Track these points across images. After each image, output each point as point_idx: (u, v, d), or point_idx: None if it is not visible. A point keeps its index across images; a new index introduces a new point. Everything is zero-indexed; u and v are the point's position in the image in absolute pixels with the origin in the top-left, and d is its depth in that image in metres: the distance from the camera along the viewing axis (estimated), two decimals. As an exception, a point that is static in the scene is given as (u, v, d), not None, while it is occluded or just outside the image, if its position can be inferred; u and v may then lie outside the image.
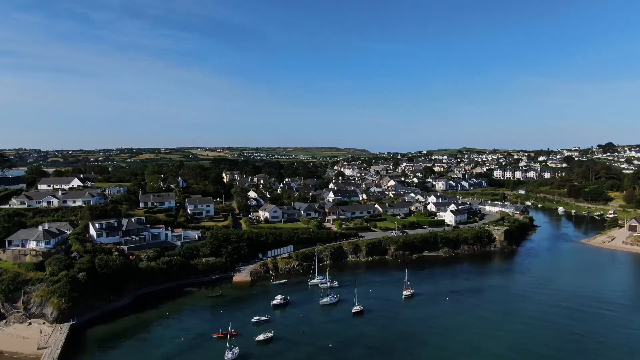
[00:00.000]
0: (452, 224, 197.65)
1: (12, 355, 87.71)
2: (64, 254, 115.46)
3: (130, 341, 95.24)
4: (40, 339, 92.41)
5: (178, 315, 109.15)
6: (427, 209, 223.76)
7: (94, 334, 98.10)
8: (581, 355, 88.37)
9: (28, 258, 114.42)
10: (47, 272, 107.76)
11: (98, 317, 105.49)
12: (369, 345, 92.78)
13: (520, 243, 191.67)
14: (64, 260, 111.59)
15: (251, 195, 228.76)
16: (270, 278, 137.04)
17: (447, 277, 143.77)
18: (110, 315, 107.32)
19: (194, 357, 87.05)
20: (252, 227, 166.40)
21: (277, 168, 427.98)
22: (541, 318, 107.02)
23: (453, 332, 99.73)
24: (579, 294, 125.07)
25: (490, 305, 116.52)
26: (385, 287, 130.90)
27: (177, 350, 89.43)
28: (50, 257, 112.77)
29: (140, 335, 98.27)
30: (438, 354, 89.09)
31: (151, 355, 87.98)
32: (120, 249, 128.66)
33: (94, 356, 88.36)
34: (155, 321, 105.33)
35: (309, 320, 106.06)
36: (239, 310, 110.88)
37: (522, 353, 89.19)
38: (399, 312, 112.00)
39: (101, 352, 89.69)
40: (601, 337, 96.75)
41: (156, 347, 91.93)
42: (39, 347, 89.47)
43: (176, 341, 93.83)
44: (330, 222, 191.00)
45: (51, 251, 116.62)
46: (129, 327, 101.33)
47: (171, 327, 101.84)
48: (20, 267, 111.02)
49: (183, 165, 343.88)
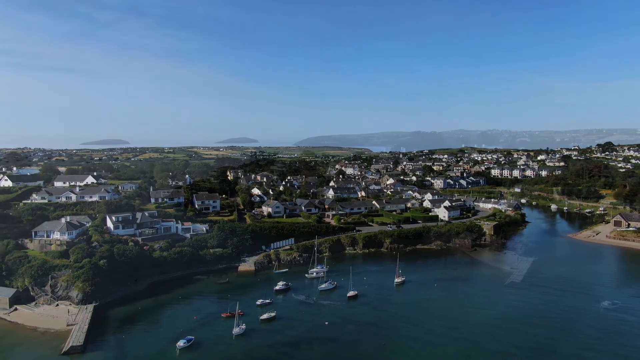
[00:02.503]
0: (445, 219, 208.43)
1: (46, 330, 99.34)
2: (85, 244, 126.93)
3: (147, 319, 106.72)
4: (68, 317, 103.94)
5: (189, 299, 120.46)
6: (422, 206, 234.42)
7: (115, 313, 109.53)
8: (550, 324, 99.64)
9: (53, 247, 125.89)
10: (72, 260, 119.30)
11: (117, 300, 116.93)
12: (362, 322, 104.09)
13: (509, 237, 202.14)
14: (86, 249, 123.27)
15: (255, 192, 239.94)
16: (273, 268, 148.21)
17: (438, 267, 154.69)
18: (128, 298, 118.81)
19: (206, 332, 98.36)
20: (256, 222, 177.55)
21: (280, 166, 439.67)
22: (520, 300, 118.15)
23: (438, 311, 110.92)
24: (553, 280, 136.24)
25: (475, 290, 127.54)
26: (379, 275, 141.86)
27: (190, 327, 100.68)
28: (74, 246, 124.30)
29: (156, 315, 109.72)
30: (423, 328, 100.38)
31: (167, 330, 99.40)
32: (135, 240, 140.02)
33: (116, 331, 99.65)
34: (168, 303, 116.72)
35: (308, 303, 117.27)
36: (245, 295, 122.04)
37: (497, 326, 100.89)
38: (390, 296, 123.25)
39: (122, 329, 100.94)
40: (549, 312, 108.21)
41: (171, 324, 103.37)
42: (68, 324, 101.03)
43: (189, 319, 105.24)
44: (329, 218, 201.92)
45: (74, 241, 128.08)
46: (145, 308, 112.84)
47: (183, 309, 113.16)
48: (46, 255, 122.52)
49: (189, 164, 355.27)
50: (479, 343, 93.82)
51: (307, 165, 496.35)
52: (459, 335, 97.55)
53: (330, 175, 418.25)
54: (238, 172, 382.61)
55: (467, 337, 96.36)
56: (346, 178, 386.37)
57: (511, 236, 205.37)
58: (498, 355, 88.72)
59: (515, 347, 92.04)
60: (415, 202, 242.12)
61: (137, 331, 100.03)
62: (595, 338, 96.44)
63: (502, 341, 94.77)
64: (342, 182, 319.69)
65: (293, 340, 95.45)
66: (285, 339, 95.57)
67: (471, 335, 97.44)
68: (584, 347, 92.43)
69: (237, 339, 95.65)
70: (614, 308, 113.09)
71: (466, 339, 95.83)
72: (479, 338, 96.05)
